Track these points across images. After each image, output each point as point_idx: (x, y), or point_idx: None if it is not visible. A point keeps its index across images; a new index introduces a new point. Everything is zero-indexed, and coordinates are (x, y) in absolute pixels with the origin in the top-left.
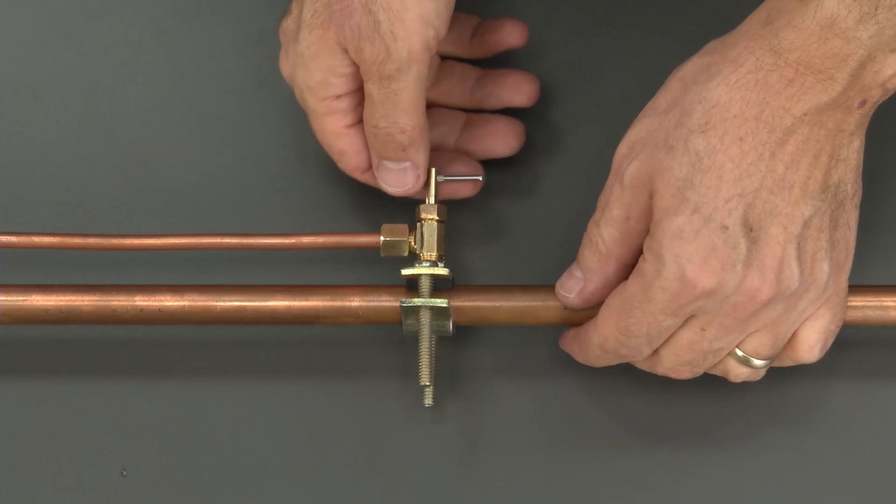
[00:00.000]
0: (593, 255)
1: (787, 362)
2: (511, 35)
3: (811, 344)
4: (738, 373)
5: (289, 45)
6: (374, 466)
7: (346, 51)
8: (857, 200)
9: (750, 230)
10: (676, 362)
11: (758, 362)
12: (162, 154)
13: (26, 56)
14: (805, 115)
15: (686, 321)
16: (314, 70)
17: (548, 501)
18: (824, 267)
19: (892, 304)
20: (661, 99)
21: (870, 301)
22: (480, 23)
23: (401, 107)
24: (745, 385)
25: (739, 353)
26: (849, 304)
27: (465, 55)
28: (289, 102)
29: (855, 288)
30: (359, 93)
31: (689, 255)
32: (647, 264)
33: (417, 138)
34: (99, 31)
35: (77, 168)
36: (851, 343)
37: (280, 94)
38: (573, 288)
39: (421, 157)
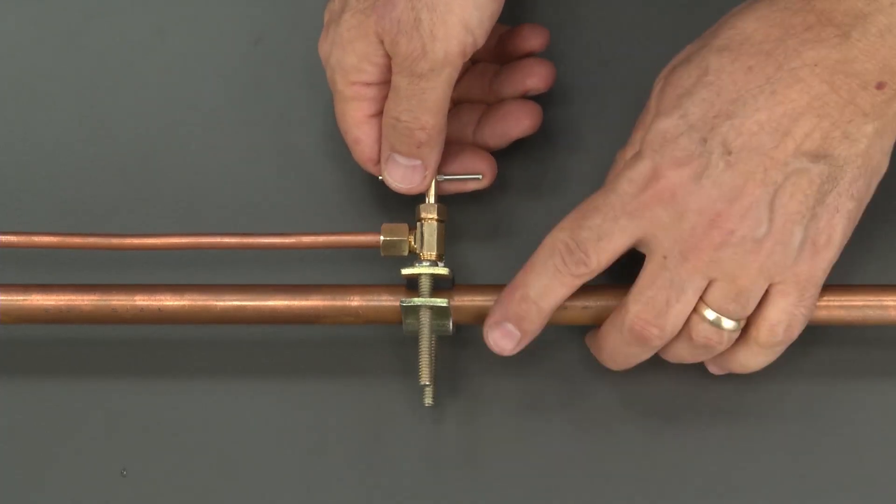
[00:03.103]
0: None
1: (753, 348)
2: (530, 40)
3: (773, 322)
4: (699, 329)
5: (330, 25)
6: (374, 466)
7: (381, 41)
8: (856, 191)
9: (728, 153)
10: (641, 301)
11: (726, 323)
12: (162, 154)
13: (26, 56)
14: (816, 65)
15: (649, 253)
16: (349, 53)
17: (548, 501)
18: (796, 232)
19: (892, 303)
20: (709, 29)
21: (870, 301)
22: (507, 30)
23: (426, 105)
24: (744, 383)
25: (709, 314)
26: (849, 303)
27: (489, 61)
28: (288, 103)
29: (855, 288)
30: (387, 85)
31: (665, 152)
32: (628, 160)
33: (435, 138)
34: (99, 31)
35: (77, 168)
36: (852, 343)
37: (280, 95)
38: None
39: (433, 157)
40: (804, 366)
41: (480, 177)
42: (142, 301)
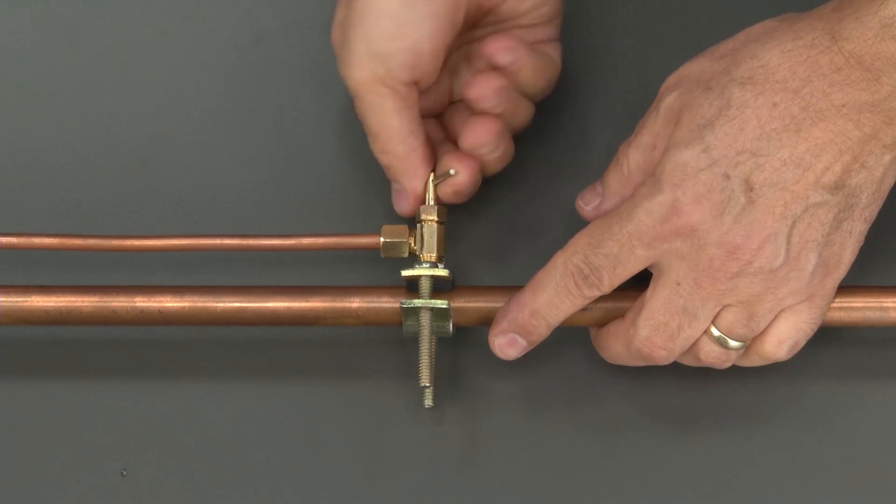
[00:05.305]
0: (616, 176)
1: (754, 358)
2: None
3: (781, 338)
4: (707, 350)
5: None
6: (374, 467)
7: None
8: (869, 214)
9: (750, 189)
10: (652, 325)
11: (732, 343)
12: (162, 154)
13: (26, 56)
14: (843, 106)
15: (661, 276)
16: None
17: (547, 501)
18: (811, 258)
19: (892, 304)
20: (723, 46)
21: (870, 301)
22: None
23: None
24: (747, 384)
25: (718, 336)
26: (849, 305)
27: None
28: (288, 103)
29: (855, 288)
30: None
31: (686, 187)
32: (644, 188)
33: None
34: (99, 31)
35: (77, 168)
36: (852, 343)
37: (280, 95)
38: (591, 201)
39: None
40: (806, 367)
41: (452, 172)
42: (142, 302)
